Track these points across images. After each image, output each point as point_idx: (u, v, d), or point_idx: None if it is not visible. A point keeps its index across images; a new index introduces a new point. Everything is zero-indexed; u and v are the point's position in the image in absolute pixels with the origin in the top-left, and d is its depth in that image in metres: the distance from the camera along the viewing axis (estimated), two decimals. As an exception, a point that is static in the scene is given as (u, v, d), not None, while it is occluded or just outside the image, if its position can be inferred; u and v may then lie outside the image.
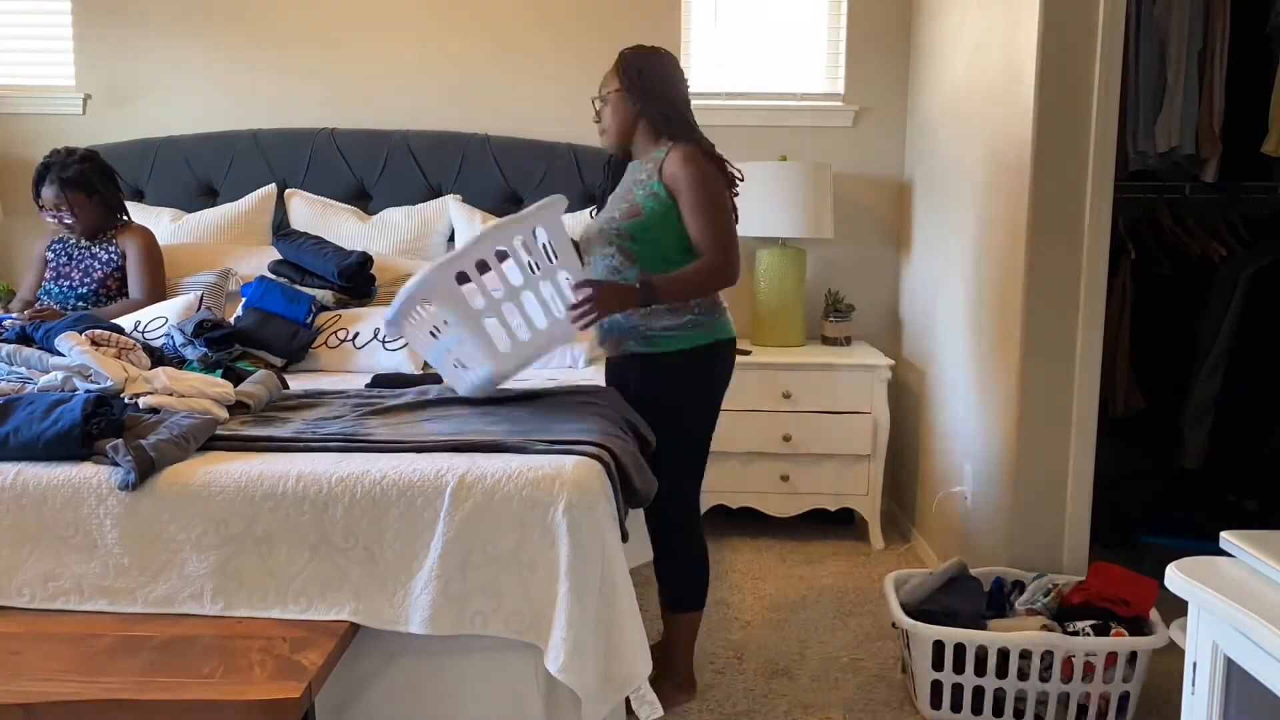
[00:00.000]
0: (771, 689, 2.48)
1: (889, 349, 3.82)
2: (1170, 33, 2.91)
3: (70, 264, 3.11)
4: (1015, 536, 2.65)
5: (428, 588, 1.75)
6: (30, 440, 1.83)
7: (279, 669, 1.59)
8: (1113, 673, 2.24)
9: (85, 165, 3.08)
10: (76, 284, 3.07)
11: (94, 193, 3.09)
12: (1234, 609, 1.24)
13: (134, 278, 3.10)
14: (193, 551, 1.79)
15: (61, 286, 3.07)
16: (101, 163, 3.16)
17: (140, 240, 3.14)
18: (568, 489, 1.77)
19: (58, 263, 3.12)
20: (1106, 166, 2.51)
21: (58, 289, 3.08)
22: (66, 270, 3.10)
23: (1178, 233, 3.21)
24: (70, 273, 3.09)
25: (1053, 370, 2.59)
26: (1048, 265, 2.56)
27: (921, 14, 3.61)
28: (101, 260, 3.10)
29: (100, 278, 3.09)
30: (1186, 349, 3.17)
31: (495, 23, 3.76)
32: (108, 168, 3.18)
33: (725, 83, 3.82)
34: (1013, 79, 2.67)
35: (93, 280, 3.08)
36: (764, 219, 3.49)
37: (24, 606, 1.80)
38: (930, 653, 2.29)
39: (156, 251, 3.16)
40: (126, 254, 3.12)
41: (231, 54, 3.80)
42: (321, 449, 1.92)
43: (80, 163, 3.08)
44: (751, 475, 3.51)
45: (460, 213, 3.53)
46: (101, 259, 3.11)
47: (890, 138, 3.79)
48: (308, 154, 3.68)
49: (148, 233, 3.19)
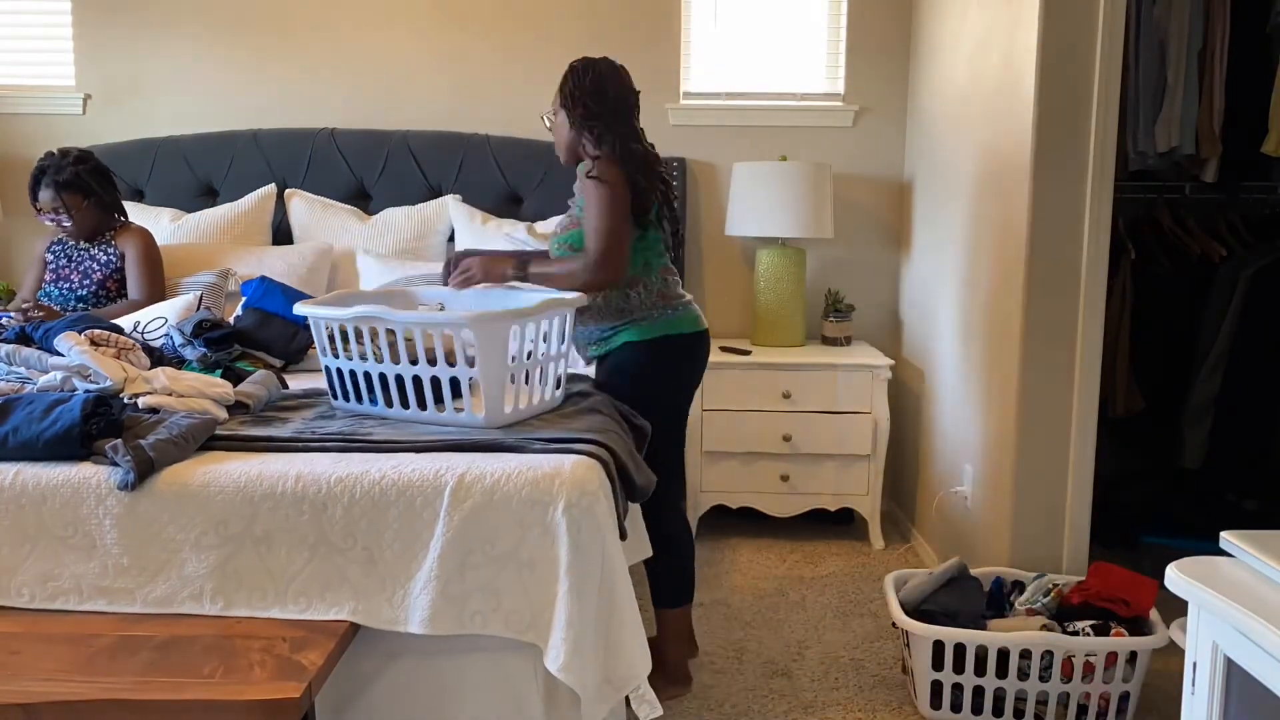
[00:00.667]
0: (771, 689, 2.48)
1: (889, 349, 3.82)
2: (1170, 33, 2.91)
3: (70, 265, 3.10)
4: (1015, 536, 2.65)
5: (427, 588, 1.75)
6: (29, 440, 1.83)
7: (279, 669, 1.58)
8: (1113, 673, 2.24)
9: (80, 167, 3.07)
10: (76, 286, 3.07)
11: (90, 194, 3.08)
12: (1234, 609, 1.24)
13: (133, 278, 3.10)
14: (192, 552, 1.79)
15: (61, 289, 3.07)
16: (97, 163, 3.14)
17: (139, 241, 3.13)
18: (567, 488, 1.77)
19: (57, 264, 3.12)
20: (1106, 166, 2.51)
21: (57, 291, 3.08)
22: (66, 272, 3.10)
23: (1178, 233, 3.21)
24: (70, 274, 3.09)
25: (1053, 370, 2.59)
26: (1048, 265, 2.56)
27: (921, 14, 3.61)
28: (100, 262, 3.10)
29: (100, 279, 3.08)
30: (1186, 349, 3.17)
31: (495, 23, 3.76)
32: (103, 168, 3.17)
33: (725, 83, 3.82)
34: (1013, 79, 2.67)
35: (92, 282, 3.08)
36: (764, 219, 3.49)
37: (23, 606, 1.80)
38: (930, 653, 2.29)
39: (155, 252, 3.16)
40: (125, 255, 3.11)
41: (231, 54, 3.80)
42: (320, 449, 1.92)
43: (75, 164, 3.06)
44: (751, 475, 3.51)
45: (460, 213, 3.53)
46: (100, 260, 3.10)
47: (890, 138, 3.79)
48: (308, 154, 3.68)
49: (146, 233, 3.18)
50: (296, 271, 3.32)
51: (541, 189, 3.61)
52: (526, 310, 2.05)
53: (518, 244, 3.33)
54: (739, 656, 2.65)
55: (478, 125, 3.74)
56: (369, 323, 2.04)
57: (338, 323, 2.09)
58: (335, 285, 3.44)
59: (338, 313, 2.08)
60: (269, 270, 3.30)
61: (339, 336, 2.11)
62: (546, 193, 3.59)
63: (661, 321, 2.36)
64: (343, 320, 2.07)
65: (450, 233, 3.56)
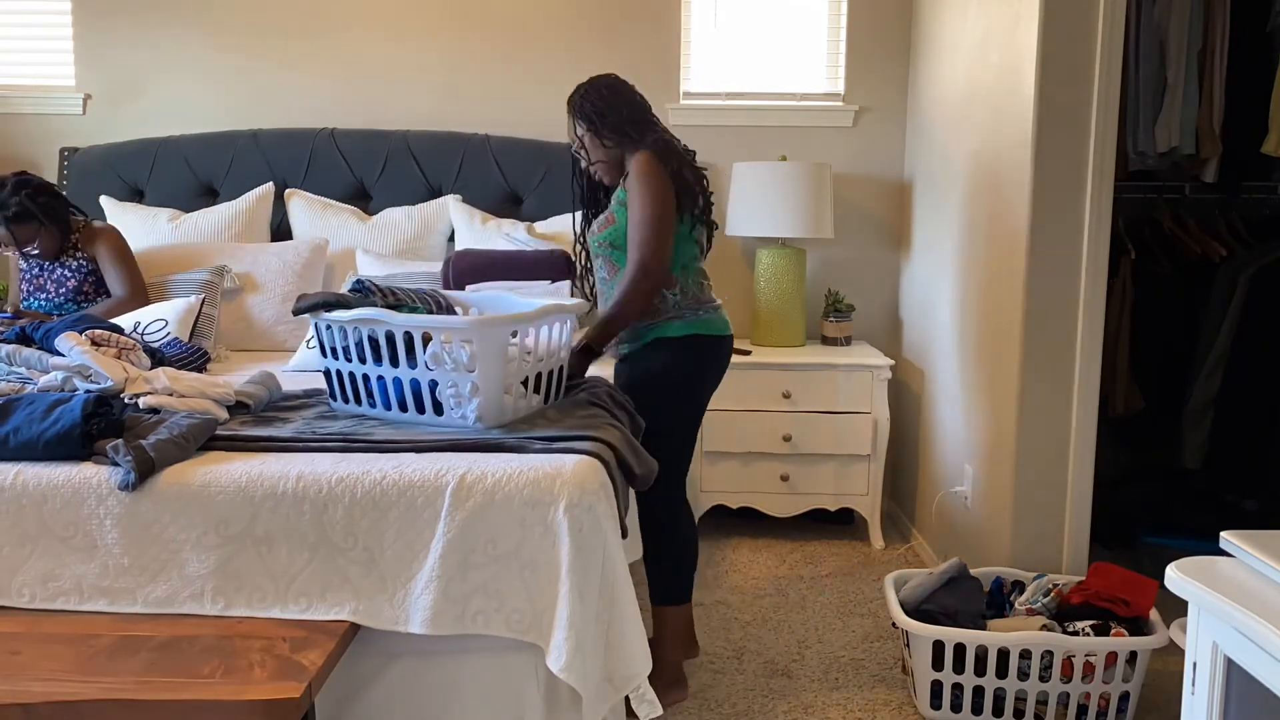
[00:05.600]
0: (771, 689, 2.48)
1: (889, 349, 3.82)
2: (1170, 33, 2.91)
3: (43, 276, 3.10)
4: (1015, 536, 2.65)
5: (428, 588, 1.75)
6: (30, 440, 1.83)
7: (279, 669, 1.58)
8: (1113, 673, 2.24)
9: (23, 195, 2.97)
10: (52, 295, 3.08)
11: (41, 221, 2.99)
12: (1234, 609, 1.24)
13: (111, 278, 3.10)
14: (192, 552, 1.79)
15: (39, 300, 3.08)
16: (37, 184, 3.03)
17: (107, 242, 3.11)
18: (568, 488, 1.77)
19: (30, 275, 3.12)
20: (1106, 166, 2.51)
21: (36, 303, 3.10)
22: (41, 282, 3.10)
23: (1178, 233, 3.21)
24: (45, 284, 3.09)
25: (1053, 370, 2.60)
26: (1048, 265, 2.56)
27: (921, 14, 3.61)
28: (71, 269, 3.10)
29: (74, 287, 3.08)
30: (1186, 349, 3.17)
31: (496, 23, 3.76)
32: (46, 185, 3.06)
33: (725, 83, 3.82)
34: (1013, 79, 2.67)
35: (68, 290, 3.08)
36: (764, 219, 3.49)
37: (24, 607, 1.80)
38: (930, 653, 2.29)
39: (125, 247, 3.14)
40: (97, 258, 3.10)
41: (231, 54, 3.80)
42: (321, 449, 1.92)
43: (16, 194, 2.96)
44: (751, 475, 3.51)
45: (460, 213, 3.53)
46: (71, 268, 3.10)
47: (890, 138, 3.80)
48: (308, 154, 3.68)
49: (112, 232, 3.15)
50: (292, 268, 3.32)
51: (541, 189, 3.61)
52: (526, 315, 2.05)
53: (517, 244, 3.34)
54: (739, 656, 2.66)
55: (478, 125, 3.74)
56: (369, 324, 2.04)
57: (338, 324, 2.09)
58: (332, 283, 3.44)
59: (339, 315, 2.07)
60: (264, 267, 3.30)
61: (338, 337, 2.11)
62: (546, 193, 3.59)
63: (692, 322, 2.35)
64: (343, 321, 2.07)
65: (450, 232, 3.56)
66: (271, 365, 2.86)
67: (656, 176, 2.26)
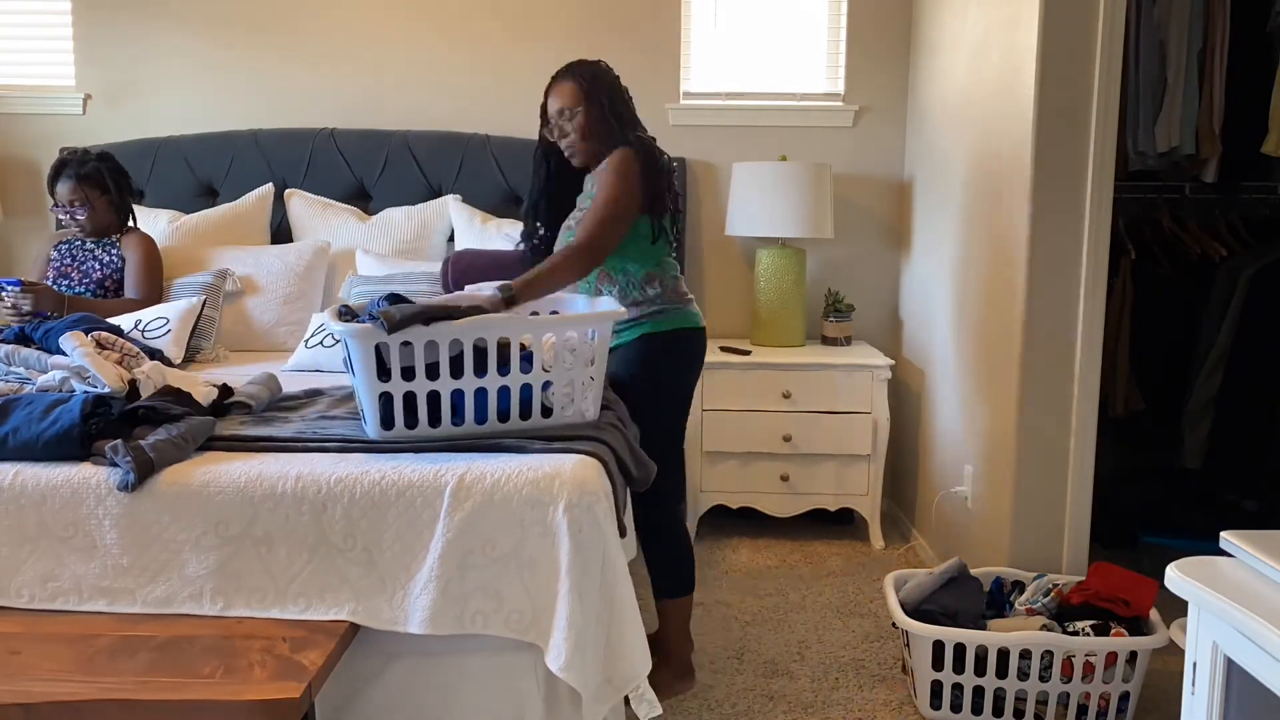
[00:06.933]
0: (771, 689, 2.48)
1: (889, 349, 3.82)
2: (1170, 33, 2.91)
3: (72, 264, 3.14)
4: (1015, 536, 2.65)
5: (427, 588, 1.75)
6: (29, 440, 1.83)
7: (279, 669, 1.58)
8: (1113, 673, 2.24)
9: (102, 164, 3.16)
10: (75, 283, 3.10)
11: (108, 191, 3.16)
12: (1234, 609, 1.24)
13: (132, 281, 3.13)
14: (192, 552, 1.79)
15: (60, 285, 3.10)
16: (117, 164, 3.23)
17: (143, 247, 3.18)
18: (568, 488, 1.77)
19: (61, 262, 3.15)
20: (1106, 166, 2.51)
21: (56, 287, 3.09)
22: (67, 269, 3.13)
23: (1178, 233, 3.21)
24: (70, 272, 3.12)
25: (1053, 370, 2.59)
26: (1048, 265, 2.56)
27: (921, 14, 3.61)
28: (103, 262, 3.14)
29: (98, 279, 3.11)
30: (1186, 349, 3.17)
31: (496, 23, 3.76)
32: (123, 170, 3.25)
33: (725, 83, 3.82)
34: (1013, 79, 2.67)
35: (91, 281, 3.11)
36: (764, 219, 3.49)
37: (23, 607, 1.80)
38: (930, 653, 2.29)
39: (157, 258, 3.21)
40: (127, 259, 3.16)
41: (231, 54, 3.80)
42: (320, 449, 1.92)
43: (98, 160, 3.16)
44: (751, 475, 3.51)
45: (460, 213, 3.53)
46: (103, 260, 3.14)
47: (890, 138, 3.79)
48: (308, 154, 3.68)
49: (150, 240, 3.23)
50: (294, 270, 3.31)
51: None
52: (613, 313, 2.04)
53: (517, 244, 3.33)
54: (739, 656, 2.66)
55: (478, 125, 3.74)
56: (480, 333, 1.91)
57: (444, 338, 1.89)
58: (333, 285, 3.43)
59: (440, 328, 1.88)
60: (265, 269, 3.30)
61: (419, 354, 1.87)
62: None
63: (675, 316, 2.40)
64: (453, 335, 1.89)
65: (450, 233, 3.56)
66: (271, 365, 2.86)
67: (633, 176, 2.30)
